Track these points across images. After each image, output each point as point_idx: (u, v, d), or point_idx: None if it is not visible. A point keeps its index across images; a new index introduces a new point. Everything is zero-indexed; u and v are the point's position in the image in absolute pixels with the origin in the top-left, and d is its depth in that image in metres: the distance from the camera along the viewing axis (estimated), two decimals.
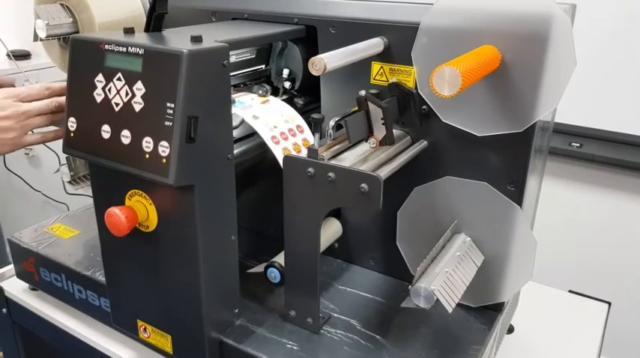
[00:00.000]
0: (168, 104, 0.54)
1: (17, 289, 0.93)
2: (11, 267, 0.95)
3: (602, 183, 1.32)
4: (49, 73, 1.89)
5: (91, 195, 0.68)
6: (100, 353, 0.80)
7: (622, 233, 1.32)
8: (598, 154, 1.27)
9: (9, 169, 1.92)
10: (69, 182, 0.94)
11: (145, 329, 0.70)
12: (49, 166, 2.09)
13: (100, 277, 0.79)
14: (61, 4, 0.82)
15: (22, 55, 1.98)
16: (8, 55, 1.84)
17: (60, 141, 0.66)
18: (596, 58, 1.19)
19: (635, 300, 1.33)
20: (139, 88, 0.56)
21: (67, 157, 0.93)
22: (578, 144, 1.28)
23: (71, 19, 0.81)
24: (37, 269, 0.87)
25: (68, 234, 0.91)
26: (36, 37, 0.82)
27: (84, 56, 0.60)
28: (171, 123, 0.54)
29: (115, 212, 0.60)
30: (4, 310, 0.95)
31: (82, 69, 0.61)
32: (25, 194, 2.05)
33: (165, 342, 0.68)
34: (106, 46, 0.58)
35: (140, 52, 0.56)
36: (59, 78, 0.95)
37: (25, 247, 0.87)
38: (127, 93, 0.57)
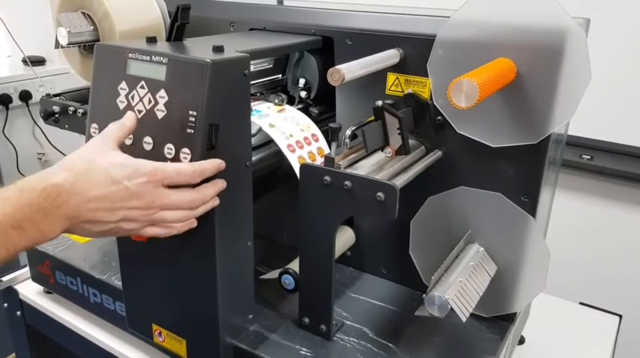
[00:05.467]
0: (191, 112, 0.55)
1: (31, 292, 0.94)
2: (25, 270, 0.96)
3: (613, 196, 1.32)
4: (64, 78, 1.93)
5: None
6: (115, 356, 0.81)
7: (633, 246, 1.31)
8: (609, 167, 1.27)
9: (22, 174, 1.95)
10: None
11: (159, 333, 0.71)
12: None
13: (116, 281, 0.80)
14: (83, 12, 0.83)
15: (37, 61, 2.01)
16: (25, 61, 1.87)
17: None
18: (608, 71, 1.20)
19: None
20: (162, 95, 0.57)
21: None
22: (589, 157, 1.28)
23: (92, 27, 0.83)
24: (53, 272, 0.88)
25: (84, 238, 0.92)
26: (57, 45, 0.83)
27: (108, 63, 0.62)
28: (193, 131, 0.55)
29: None
30: (18, 313, 0.96)
31: (105, 76, 0.62)
32: None
33: (180, 347, 0.69)
34: (130, 54, 0.60)
35: (164, 61, 0.57)
36: (74, 84, 0.97)
37: (41, 250, 0.89)
38: (149, 101, 0.58)
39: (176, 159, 0.57)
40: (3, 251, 0.48)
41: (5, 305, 0.96)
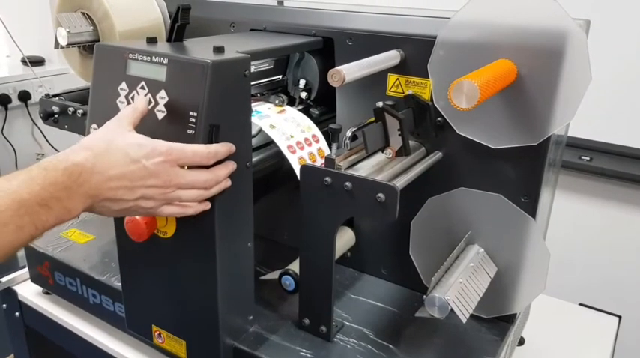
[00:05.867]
0: (191, 113, 0.55)
1: (30, 293, 0.94)
2: (24, 271, 0.96)
3: (612, 197, 1.32)
4: (63, 79, 1.93)
5: None
6: None
7: (632, 247, 1.32)
8: (608, 168, 1.28)
9: None
10: None
11: (159, 334, 0.71)
12: None
13: (115, 282, 0.79)
14: (82, 13, 0.83)
15: (36, 61, 2.01)
16: (24, 61, 1.87)
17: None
18: (608, 72, 1.20)
19: None
20: (162, 96, 0.57)
21: None
22: (588, 158, 1.29)
23: (92, 28, 0.83)
24: (52, 273, 0.88)
25: (83, 239, 0.92)
26: (57, 45, 0.83)
27: (108, 64, 0.62)
28: (193, 132, 0.55)
29: (135, 217, 0.61)
30: (17, 314, 0.96)
31: (105, 76, 0.62)
32: None
33: (180, 348, 0.69)
34: (130, 55, 0.60)
35: (164, 62, 0.57)
36: (74, 84, 0.96)
37: (41, 251, 0.88)
38: (150, 102, 0.58)
39: None
40: (32, 229, 0.49)
41: (4, 306, 0.96)
